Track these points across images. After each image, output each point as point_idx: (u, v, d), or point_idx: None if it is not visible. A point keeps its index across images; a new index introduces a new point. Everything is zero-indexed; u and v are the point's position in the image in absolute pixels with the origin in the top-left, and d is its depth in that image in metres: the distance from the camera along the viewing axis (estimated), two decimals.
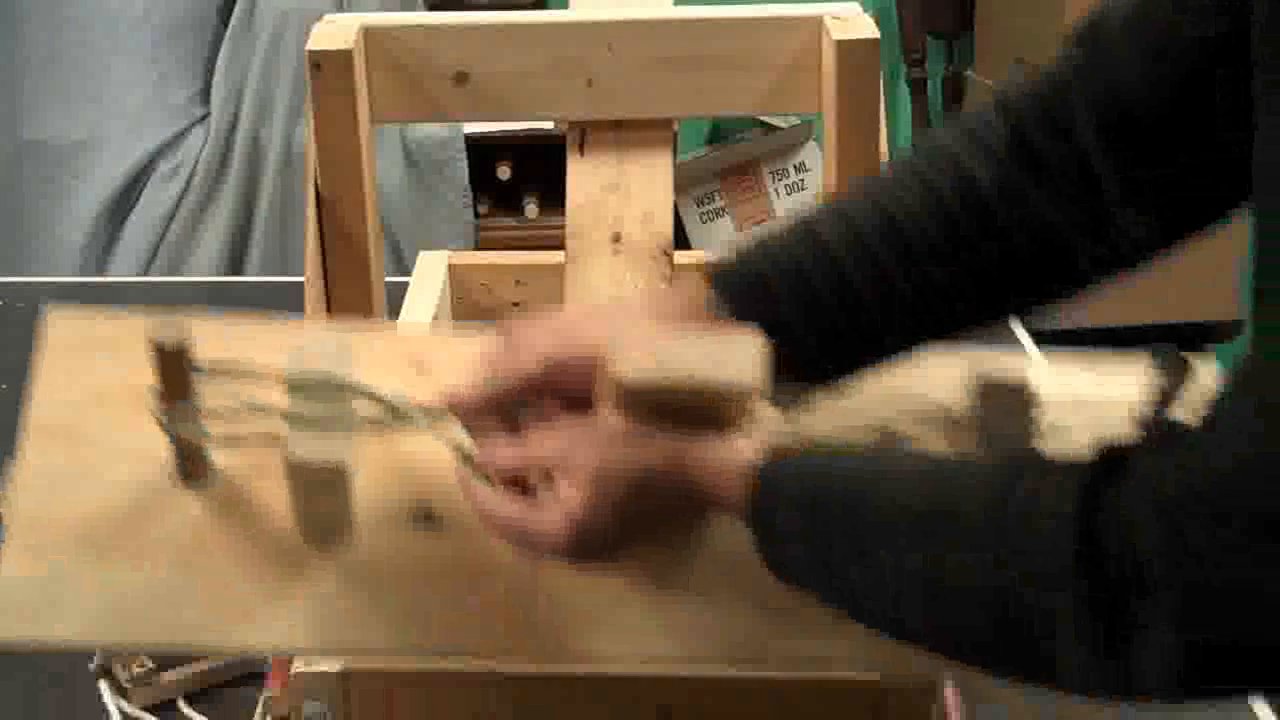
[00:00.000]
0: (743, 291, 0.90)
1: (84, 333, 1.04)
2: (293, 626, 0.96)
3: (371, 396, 0.97)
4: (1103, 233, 0.87)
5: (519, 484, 0.90)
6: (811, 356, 0.90)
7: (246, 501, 0.98)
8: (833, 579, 0.82)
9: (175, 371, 0.94)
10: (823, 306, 0.89)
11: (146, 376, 0.95)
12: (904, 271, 0.88)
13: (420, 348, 1.07)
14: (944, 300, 0.89)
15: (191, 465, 0.98)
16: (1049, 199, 0.87)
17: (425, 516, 0.98)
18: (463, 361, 0.97)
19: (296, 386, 0.95)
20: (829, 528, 0.80)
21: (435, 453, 0.97)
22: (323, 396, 0.95)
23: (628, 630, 0.97)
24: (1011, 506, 0.72)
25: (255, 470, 0.99)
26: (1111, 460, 0.70)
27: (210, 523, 0.98)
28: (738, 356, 0.86)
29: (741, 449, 0.85)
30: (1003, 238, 0.88)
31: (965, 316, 0.91)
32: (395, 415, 0.98)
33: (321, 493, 0.96)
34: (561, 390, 0.90)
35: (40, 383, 1.02)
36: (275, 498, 0.97)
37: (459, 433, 0.96)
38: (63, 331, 1.04)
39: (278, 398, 0.95)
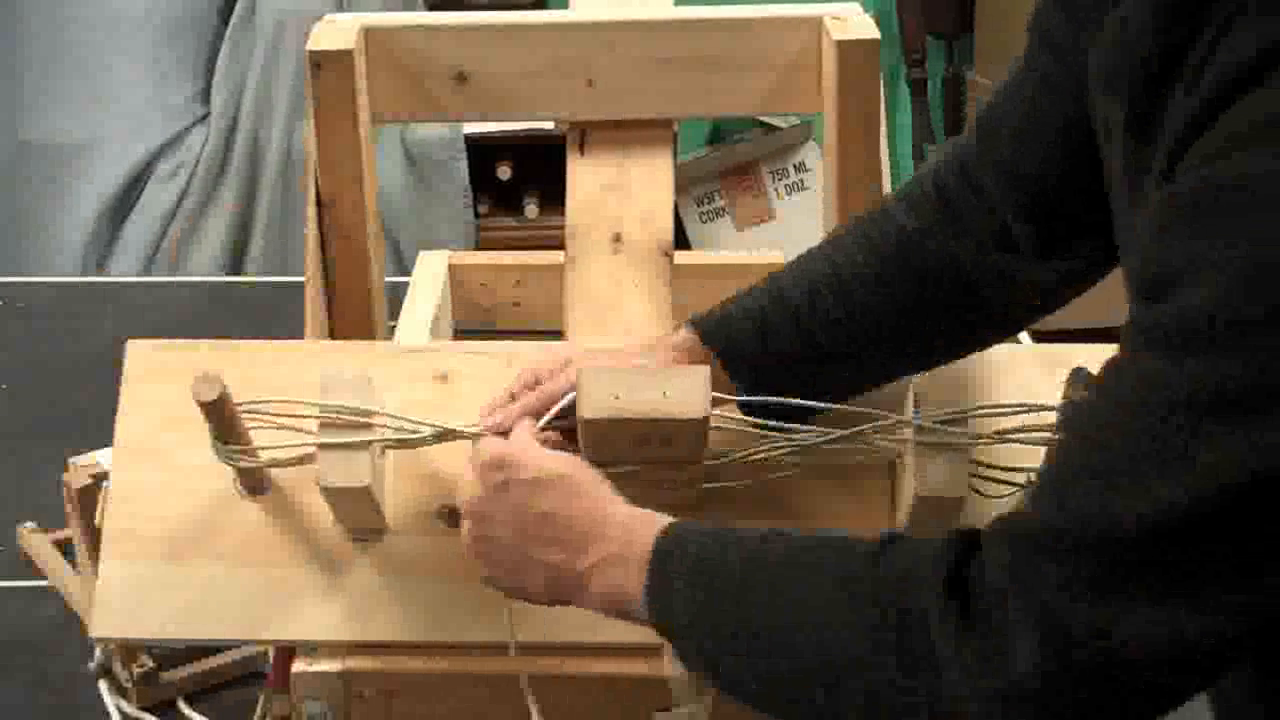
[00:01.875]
0: (721, 344, 1.07)
1: (156, 364, 1.17)
2: (337, 618, 1.10)
3: (388, 425, 1.09)
4: (1015, 280, 1.04)
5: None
6: (776, 385, 1.06)
7: (297, 510, 1.12)
8: (713, 629, 0.89)
9: (219, 417, 1.06)
10: (781, 341, 1.07)
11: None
12: (846, 311, 1.06)
13: (439, 361, 1.18)
14: (882, 331, 1.06)
15: (250, 481, 1.13)
16: (967, 248, 1.04)
17: (448, 514, 1.11)
18: (476, 369, 1.15)
19: (326, 423, 1.07)
20: (716, 583, 0.89)
21: (454, 458, 1.08)
22: (347, 425, 1.07)
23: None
24: (889, 554, 0.84)
25: (302, 484, 1.11)
26: (966, 532, 0.83)
27: (267, 529, 1.12)
28: (686, 390, 1.00)
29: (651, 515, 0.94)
30: (927, 278, 1.05)
31: (904, 346, 1.08)
32: (408, 441, 1.09)
33: (352, 506, 1.08)
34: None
35: (123, 409, 1.15)
36: (321, 506, 1.10)
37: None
38: (139, 363, 1.17)
39: (310, 425, 1.08)
